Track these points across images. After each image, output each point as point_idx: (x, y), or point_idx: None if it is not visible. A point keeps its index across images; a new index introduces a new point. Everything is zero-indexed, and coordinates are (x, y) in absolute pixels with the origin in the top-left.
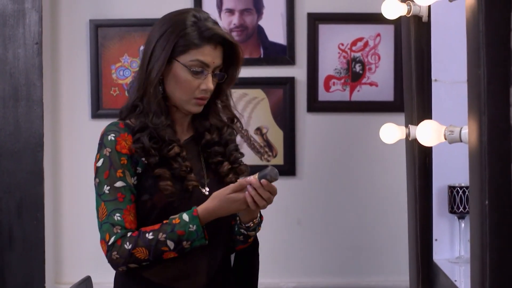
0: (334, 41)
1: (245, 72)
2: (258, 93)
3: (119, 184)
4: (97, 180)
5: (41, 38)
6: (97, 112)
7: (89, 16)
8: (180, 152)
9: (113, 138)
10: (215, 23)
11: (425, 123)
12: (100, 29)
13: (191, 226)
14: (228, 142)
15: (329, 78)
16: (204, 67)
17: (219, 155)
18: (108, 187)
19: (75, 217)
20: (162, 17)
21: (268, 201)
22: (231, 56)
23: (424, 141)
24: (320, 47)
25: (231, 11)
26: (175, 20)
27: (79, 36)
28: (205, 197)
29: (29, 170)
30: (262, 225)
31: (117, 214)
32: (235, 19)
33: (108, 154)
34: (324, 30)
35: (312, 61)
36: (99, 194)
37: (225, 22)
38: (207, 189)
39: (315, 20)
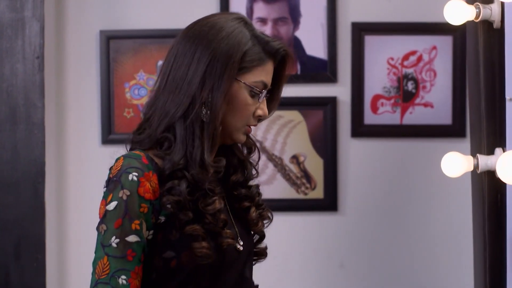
0: (382, 55)
1: None
2: (294, 115)
3: (132, 238)
4: (104, 227)
5: (43, 51)
6: (108, 137)
7: (99, 27)
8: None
9: (135, 179)
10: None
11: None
12: (112, 41)
13: None
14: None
15: (376, 98)
16: (263, 88)
17: (247, 199)
18: (117, 240)
19: (82, 261)
20: (202, 23)
21: None
22: (279, 73)
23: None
24: (367, 62)
25: (263, 21)
26: (232, 29)
27: (87, 49)
28: (239, 255)
29: (28, 204)
30: (300, 268)
31: (123, 277)
32: (267, 30)
33: (125, 198)
34: (371, 42)
35: (357, 79)
36: (103, 245)
37: None
38: (241, 243)
39: (361, 30)
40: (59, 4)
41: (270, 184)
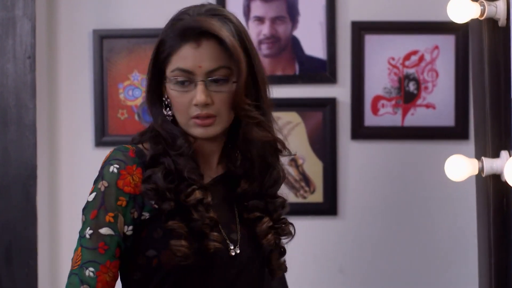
0: (383, 55)
1: (277, 91)
2: (292, 116)
3: (105, 231)
4: (83, 217)
5: (35, 51)
6: (101, 139)
7: (93, 26)
8: (204, 198)
9: (115, 171)
10: (207, 11)
11: None
12: (105, 41)
13: None
14: (272, 193)
15: (377, 99)
16: (188, 75)
17: (257, 210)
18: (91, 231)
19: None
20: None
21: None
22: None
23: None
24: (367, 62)
25: (260, 19)
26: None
27: (80, 49)
28: (232, 261)
29: (19, 208)
30: (298, 273)
31: (91, 269)
32: (265, 29)
33: (103, 189)
34: (372, 41)
35: (357, 79)
36: (80, 236)
37: (254, 32)
38: (238, 250)
39: (361, 30)
40: (51, 3)
41: None
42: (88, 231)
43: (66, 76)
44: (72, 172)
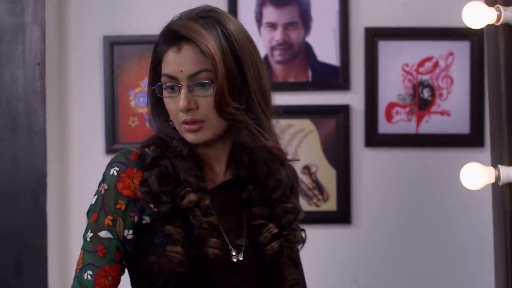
0: (397, 62)
1: (290, 98)
2: (305, 124)
3: (104, 234)
4: (87, 220)
5: (44, 57)
6: (112, 146)
7: (103, 32)
8: (200, 202)
9: (115, 173)
10: (198, 13)
11: None
12: (116, 47)
13: None
14: (277, 198)
15: (391, 106)
16: (173, 80)
17: (261, 217)
18: (91, 234)
19: None
20: None
21: None
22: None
23: None
24: (380, 68)
25: (272, 26)
26: None
27: (90, 55)
28: (234, 267)
29: (29, 216)
30: (312, 282)
31: (89, 272)
32: (277, 35)
33: (103, 192)
34: (385, 48)
35: (370, 86)
36: (83, 239)
37: (266, 39)
38: (241, 256)
39: (375, 36)
40: (61, 9)
41: None
42: (89, 234)
43: (76, 83)
44: (82, 179)
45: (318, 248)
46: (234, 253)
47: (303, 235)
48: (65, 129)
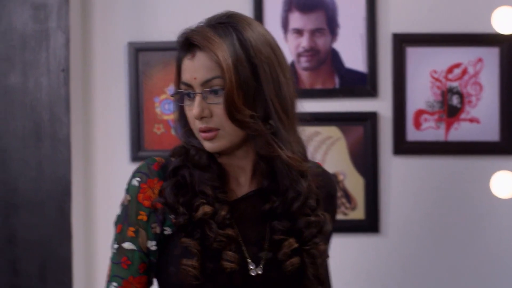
0: (425, 68)
1: (316, 105)
2: (332, 131)
3: (127, 245)
4: (114, 231)
5: (69, 64)
6: (137, 153)
7: (128, 38)
8: (216, 213)
9: (137, 184)
10: (216, 19)
11: None
12: (141, 54)
13: None
14: (296, 210)
15: (419, 113)
16: (188, 88)
17: (281, 231)
18: (117, 245)
19: None
20: None
21: None
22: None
23: None
24: (408, 75)
25: (299, 32)
26: None
27: (115, 61)
28: (253, 281)
29: (54, 225)
30: None
31: (114, 284)
32: (304, 42)
33: (126, 203)
34: (413, 54)
35: (398, 93)
36: (111, 250)
37: (292, 45)
38: (260, 270)
39: (402, 42)
40: (85, 15)
41: None
42: (115, 245)
43: (101, 90)
44: (107, 187)
45: (346, 257)
46: (252, 267)
47: (327, 249)
48: (89, 136)
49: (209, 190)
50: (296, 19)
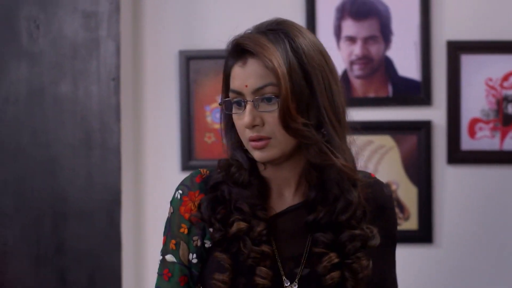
0: (480, 76)
1: (369, 114)
2: (386, 140)
3: (169, 258)
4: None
5: (119, 72)
6: (188, 163)
7: (179, 47)
8: (251, 230)
9: (179, 196)
10: (267, 26)
11: None
12: (192, 62)
13: None
14: (344, 221)
15: (474, 121)
16: (239, 96)
17: (323, 245)
18: (161, 257)
19: None
20: None
21: None
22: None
23: None
24: (463, 83)
25: (352, 39)
26: None
27: (166, 70)
28: None
29: (103, 234)
30: None
31: None
32: (357, 49)
33: (169, 215)
34: (468, 61)
35: (453, 101)
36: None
37: (345, 53)
38: (295, 286)
39: (457, 49)
40: (135, 23)
41: None
42: (160, 257)
43: (152, 98)
44: (158, 197)
45: (398, 268)
46: (287, 284)
47: (370, 265)
48: (140, 145)
49: (246, 207)
50: (349, 27)
